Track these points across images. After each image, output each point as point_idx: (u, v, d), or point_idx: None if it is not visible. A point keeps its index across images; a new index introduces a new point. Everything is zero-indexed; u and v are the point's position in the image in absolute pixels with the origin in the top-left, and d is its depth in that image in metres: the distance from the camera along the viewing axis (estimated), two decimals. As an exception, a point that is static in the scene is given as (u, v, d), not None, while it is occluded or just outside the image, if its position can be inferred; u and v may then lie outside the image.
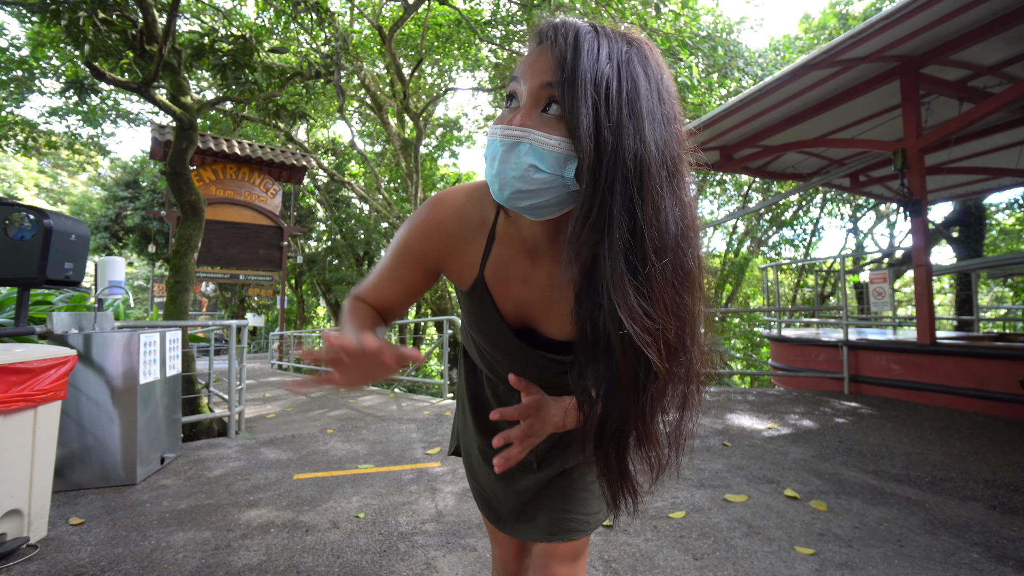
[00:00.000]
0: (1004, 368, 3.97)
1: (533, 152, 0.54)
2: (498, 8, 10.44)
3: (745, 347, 16.94)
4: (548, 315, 0.74)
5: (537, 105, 0.56)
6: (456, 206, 0.74)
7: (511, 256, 0.73)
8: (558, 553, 0.88)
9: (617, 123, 0.51)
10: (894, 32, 3.88)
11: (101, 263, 3.43)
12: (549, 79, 0.54)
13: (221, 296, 18.46)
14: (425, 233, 0.74)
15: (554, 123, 0.54)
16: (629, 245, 0.52)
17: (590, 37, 0.53)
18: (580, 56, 0.52)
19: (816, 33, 13.32)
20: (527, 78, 0.56)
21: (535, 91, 0.56)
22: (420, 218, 0.75)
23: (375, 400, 5.79)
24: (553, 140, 0.54)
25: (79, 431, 2.64)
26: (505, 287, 0.74)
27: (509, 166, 0.55)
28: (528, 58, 0.58)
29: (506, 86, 0.61)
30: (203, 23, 9.67)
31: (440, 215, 0.74)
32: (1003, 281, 14.86)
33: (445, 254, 0.75)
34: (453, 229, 0.73)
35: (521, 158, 0.54)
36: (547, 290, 0.72)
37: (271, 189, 11.89)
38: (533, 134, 0.54)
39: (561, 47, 0.53)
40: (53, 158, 20.51)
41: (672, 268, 0.54)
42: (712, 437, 3.53)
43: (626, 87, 0.52)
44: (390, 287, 0.79)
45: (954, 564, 1.85)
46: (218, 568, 1.87)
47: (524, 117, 0.55)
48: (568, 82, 0.52)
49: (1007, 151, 6.25)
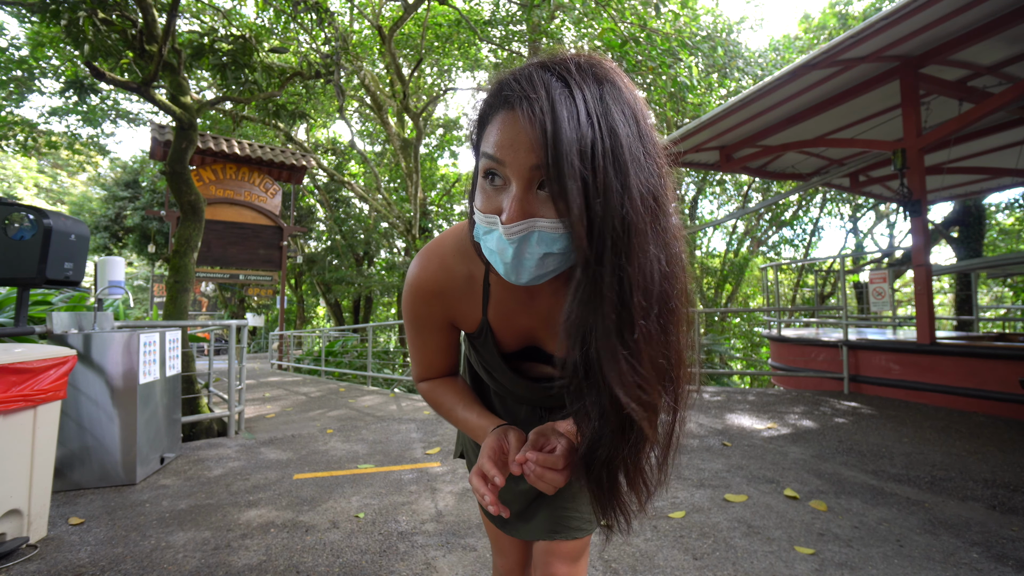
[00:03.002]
0: (1004, 368, 3.97)
1: (542, 240, 0.53)
2: (498, 8, 10.45)
3: (745, 347, 16.95)
4: (551, 336, 0.77)
5: (531, 188, 0.53)
6: (441, 264, 0.75)
7: (509, 295, 0.75)
8: (560, 552, 0.88)
9: (604, 188, 0.49)
10: (894, 32, 3.88)
11: (101, 263, 3.43)
12: (536, 161, 0.51)
13: (221, 296, 18.47)
14: (424, 300, 0.77)
15: (551, 204, 0.53)
16: (618, 313, 0.52)
17: (564, 97, 0.50)
18: (561, 128, 0.48)
19: (816, 33, 13.33)
20: (511, 159, 0.53)
21: (525, 173, 0.52)
22: (412, 287, 0.77)
23: (375, 400, 5.79)
24: (555, 223, 0.53)
25: (79, 431, 2.64)
26: (508, 322, 0.77)
27: (524, 259, 0.54)
28: (503, 131, 0.53)
29: (477, 153, 0.58)
30: (203, 23, 9.67)
31: (429, 278, 0.75)
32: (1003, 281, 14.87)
33: (448, 309, 0.77)
34: (444, 287, 0.75)
35: (533, 248, 0.54)
36: (547, 315, 0.75)
37: (271, 189, 11.89)
38: (538, 223, 0.53)
39: (540, 120, 0.49)
40: (53, 158, 20.51)
41: (657, 322, 0.54)
42: (712, 437, 3.53)
43: (608, 143, 0.50)
44: (433, 357, 0.83)
45: (954, 564, 1.85)
46: (218, 568, 1.87)
47: (522, 205, 0.53)
48: (554, 164, 0.49)
49: (1007, 151, 6.25)
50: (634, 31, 7.40)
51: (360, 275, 15.11)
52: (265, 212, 11.77)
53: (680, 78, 7.05)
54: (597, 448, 0.59)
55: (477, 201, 0.58)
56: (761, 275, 14.26)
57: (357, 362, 10.42)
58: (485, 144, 0.56)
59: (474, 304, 0.77)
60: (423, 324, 0.79)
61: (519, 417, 0.94)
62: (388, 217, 12.75)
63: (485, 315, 0.77)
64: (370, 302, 18.77)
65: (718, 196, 17.30)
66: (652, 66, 6.60)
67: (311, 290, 21.59)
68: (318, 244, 18.82)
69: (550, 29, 8.81)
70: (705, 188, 16.41)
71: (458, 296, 0.76)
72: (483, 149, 0.56)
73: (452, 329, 0.81)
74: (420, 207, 12.07)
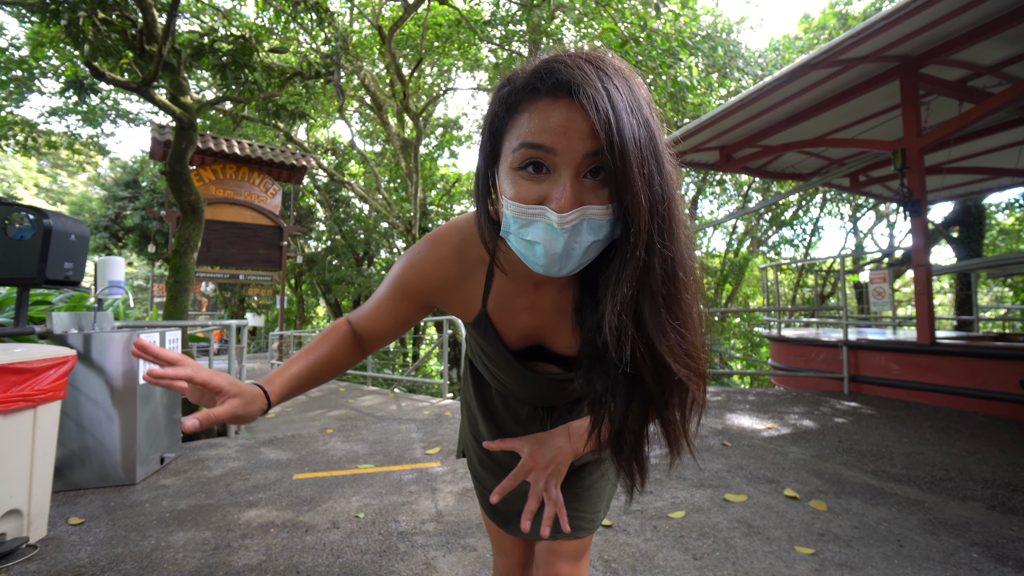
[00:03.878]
0: (1004, 368, 3.97)
1: (591, 228, 0.53)
2: (498, 8, 10.44)
3: (745, 347, 16.95)
4: (556, 335, 0.76)
5: (579, 175, 0.53)
6: (453, 246, 0.74)
7: (513, 287, 0.74)
8: (562, 551, 0.89)
9: (650, 176, 0.51)
10: (894, 32, 3.88)
11: (101, 263, 3.43)
12: (592, 148, 0.51)
13: (221, 296, 18.46)
14: (421, 273, 0.75)
15: (599, 190, 0.53)
16: (667, 289, 0.55)
17: (612, 87, 0.51)
18: (621, 117, 0.50)
19: (816, 33, 13.33)
20: (564, 147, 0.51)
21: (578, 160, 0.52)
22: (417, 257, 0.76)
23: (375, 400, 5.79)
24: (604, 209, 0.53)
25: (79, 431, 2.64)
26: (510, 316, 0.76)
27: (573, 248, 0.54)
28: (552, 118, 0.52)
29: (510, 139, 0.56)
30: (203, 23, 9.67)
31: (437, 256, 0.74)
32: (1003, 281, 14.86)
33: (442, 292, 0.76)
34: (450, 269, 0.74)
35: (583, 236, 0.53)
36: (553, 313, 0.74)
37: (271, 189, 11.89)
38: (589, 210, 0.53)
39: (603, 108, 0.49)
40: (53, 158, 20.50)
41: (692, 294, 0.58)
42: (712, 437, 3.53)
43: (647, 134, 0.52)
44: (383, 318, 0.80)
45: (954, 564, 1.85)
46: (218, 568, 1.87)
47: (573, 193, 0.52)
48: (620, 151, 0.49)
49: (1007, 151, 6.25)
50: (634, 31, 7.40)
51: (360, 275, 15.11)
52: (265, 212, 11.77)
53: (680, 78, 7.05)
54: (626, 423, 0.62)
55: (510, 192, 0.55)
56: (761, 275, 14.25)
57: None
58: (521, 133, 0.54)
59: (475, 293, 0.76)
60: (403, 291, 0.77)
61: (521, 417, 0.94)
62: (388, 217, 12.76)
63: (484, 306, 0.76)
64: (370, 302, 18.71)
65: (718, 196, 17.30)
66: (652, 66, 6.60)
67: (311, 290, 21.58)
68: (318, 244, 18.82)
69: (550, 29, 8.81)
70: (705, 188, 16.41)
71: (461, 279, 0.75)
72: (522, 139, 0.54)
73: (424, 309, 0.80)
74: (420, 207, 12.07)
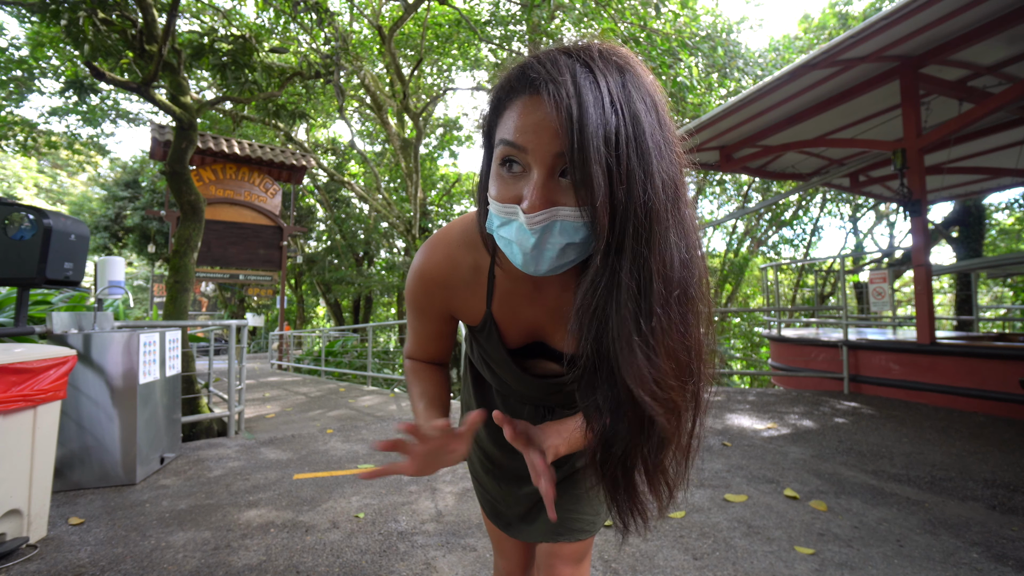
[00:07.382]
0: (1004, 368, 3.97)
1: (564, 230, 0.52)
2: (498, 8, 10.44)
3: (745, 347, 16.95)
4: (556, 331, 0.76)
5: (552, 175, 0.51)
6: (447, 254, 0.74)
7: (515, 287, 0.73)
8: (563, 553, 0.88)
9: (628, 175, 0.48)
10: (894, 32, 3.88)
11: (101, 263, 3.42)
12: (560, 148, 0.50)
13: (221, 296, 18.47)
14: (424, 289, 0.76)
15: (572, 192, 0.51)
16: (636, 301, 0.50)
17: (589, 83, 0.49)
18: (586, 113, 0.47)
19: (816, 33, 13.32)
20: (534, 145, 0.51)
21: (548, 160, 0.51)
22: (416, 274, 0.76)
23: (375, 400, 5.78)
24: (577, 211, 0.51)
25: (79, 431, 2.64)
26: (513, 315, 0.76)
27: (545, 249, 0.53)
28: (525, 116, 0.51)
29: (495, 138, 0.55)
30: (203, 23, 9.66)
31: (433, 268, 0.75)
32: (1003, 281, 14.87)
33: (449, 300, 0.77)
34: (448, 278, 0.75)
35: (555, 238, 0.52)
36: (554, 309, 0.73)
37: (271, 189, 11.89)
38: (560, 211, 0.51)
39: (567, 105, 0.48)
40: (53, 158, 20.51)
41: (677, 310, 0.52)
42: (712, 437, 3.53)
43: (632, 130, 0.49)
44: (426, 341, 0.84)
45: (954, 564, 1.85)
46: (218, 568, 1.87)
47: (544, 193, 0.51)
48: (579, 149, 0.47)
49: (1007, 151, 6.25)
50: (634, 31, 7.40)
51: (360, 275, 15.12)
52: (265, 212, 11.77)
53: (680, 78, 7.05)
54: (612, 445, 0.57)
55: (492, 190, 0.56)
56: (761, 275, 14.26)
57: (357, 362, 10.43)
58: (503, 130, 0.54)
59: (478, 296, 0.76)
60: (422, 312, 0.79)
61: (522, 416, 0.94)
62: (388, 217, 12.75)
63: (489, 308, 0.75)
64: (370, 302, 18.78)
65: (718, 196, 17.29)
66: (652, 66, 6.59)
67: (311, 290, 21.59)
68: (318, 244, 18.83)
69: (550, 29, 8.81)
70: (705, 188, 16.41)
71: (462, 287, 0.75)
72: (501, 135, 0.54)
73: (450, 319, 0.81)
74: (420, 207, 12.07)
